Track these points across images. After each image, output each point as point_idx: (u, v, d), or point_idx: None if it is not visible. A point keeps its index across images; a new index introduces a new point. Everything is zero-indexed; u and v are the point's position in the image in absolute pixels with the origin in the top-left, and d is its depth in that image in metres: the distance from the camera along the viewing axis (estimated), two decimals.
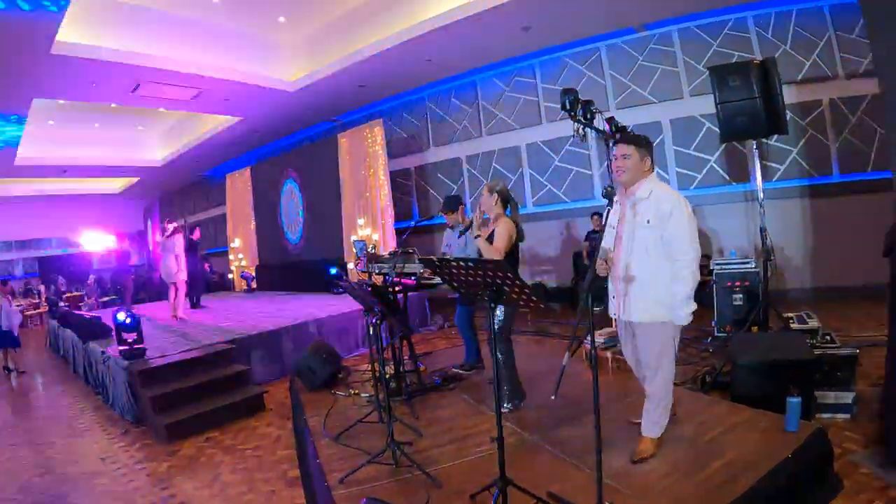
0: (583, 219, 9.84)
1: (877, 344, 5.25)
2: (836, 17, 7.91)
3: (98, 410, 6.37)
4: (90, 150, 14.88)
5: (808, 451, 2.92)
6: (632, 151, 2.97)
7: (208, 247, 16.75)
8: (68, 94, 10.18)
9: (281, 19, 9.70)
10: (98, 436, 5.43)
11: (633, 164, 2.97)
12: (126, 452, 4.82)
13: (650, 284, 2.89)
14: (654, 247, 2.87)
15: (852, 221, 7.71)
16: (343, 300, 9.34)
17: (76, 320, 8.89)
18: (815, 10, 8.02)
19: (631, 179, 3.00)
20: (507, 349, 3.89)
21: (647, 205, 2.90)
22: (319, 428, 3.96)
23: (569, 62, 10.10)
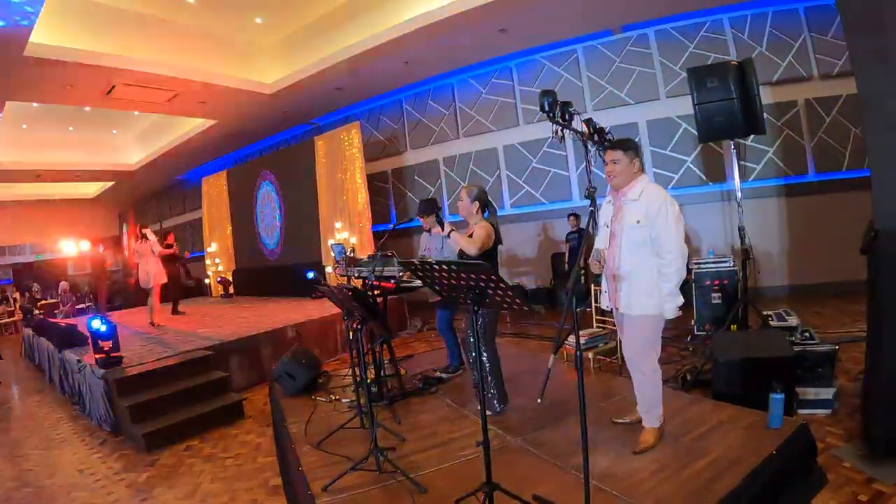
0: (560, 220, 9.90)
1: (855, 340, 5.36)
2: (811, 19, 8.07)
3: (75, 420, 6.23)
4: (64, 153, 14.60)
5: (793, 447, 2.95)
6: (619, 156, 3.12)
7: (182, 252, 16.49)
8: (42, 96, 9.97)
9: (258, 20, 9.61)
10: (75, 447, 5.31)
11: (622, 167, 3.11)
12: (104, 463, 4.72)
13: (640, 279, 3.03)
14: (643, 244, 3.01)
15: (828, 220, 7.87)
16: (321, 304, 9.27)
17: (51, 328, 8.69)
18: (791, 12, 8.17)
19: (622, 182, 3.14)
20: (492, 352, 3.86)
21: (638, 205, 3.04)
22: (301, 435, 3.89)
23: (546, 64, 10.14)
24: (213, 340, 6.89)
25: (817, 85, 8.13)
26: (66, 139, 14.34)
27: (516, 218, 10.44)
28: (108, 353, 5.78)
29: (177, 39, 9.24)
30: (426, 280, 2.43)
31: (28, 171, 14.83)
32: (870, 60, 3.20)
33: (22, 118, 12.35)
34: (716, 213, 8.75)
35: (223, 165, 15.92)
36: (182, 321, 9.50)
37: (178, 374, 5.81)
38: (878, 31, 3.13)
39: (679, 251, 2.96)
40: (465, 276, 2.21)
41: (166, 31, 9.09)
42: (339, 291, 3.45)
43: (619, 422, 3.43)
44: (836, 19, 7.83)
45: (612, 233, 3.16)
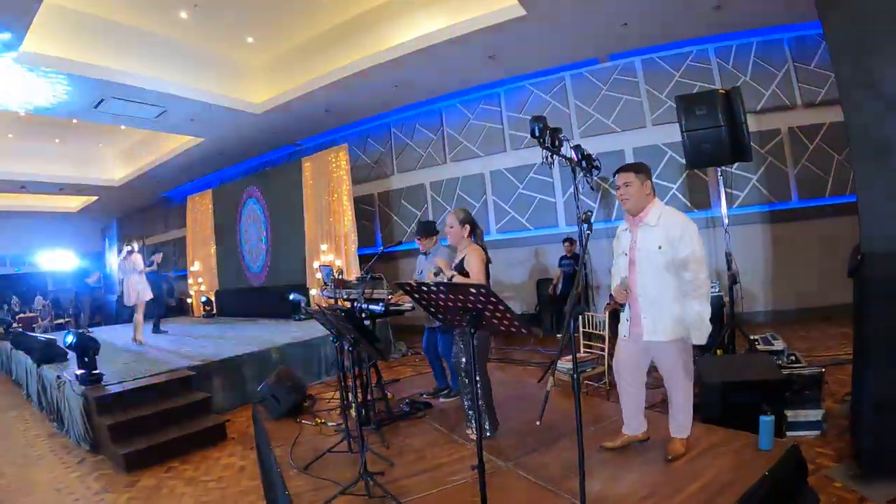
0: (547, 246, 9.97)
1: (840, 363, 5.45)
2: (794, 49, 8.31)
3: (52, 438, 6.08)
4: (49, 166, 14.40)
5: (784, 468, 2.96)
6: (632, 178, 3.15)
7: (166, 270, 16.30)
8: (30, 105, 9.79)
9: (249, 40, 9.63)
10: (53, 465, 5.17)
11: (634, 190, 3.14)
12: (82, 483, 4.60)
13: (667, 305, 3.04)
14: (666, 270, 3.04)
15: (811, 246, 8.02)
16: (305, 327, 9.19)
17: (30, 342, 8.50)
18: (775, 42, 8.40)
19: (635, 206, 3.17)
20: (484, 375, 3.83)
21: (657, 231, 3.07)
22: (286, 458, 3.80)
23: (534, 91, 10.27)
24: (196, 360, 6.79)
25: (801, 113, 8.34)
26: (53, 151, 14.17)
27: (502, 243, 10.45)
28: (88, 370, 5.68)
29: (168, 55, 9.22)
30: (422, 302, 2.40)
31: (13, 182, 14.58)
32: (856, 88, 3.27)
33: (8, 128, 12.20)
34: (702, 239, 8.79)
35: (208, 184, 15.81)
36: (165, 340, 9.38)
37: (160, 394, 5.72)
38: (864, 60, 3.23)
39: (704, 272, 3.00)
40: (462, 298, 2.18)
41: (157, 46, 9.07)
42: (331, 313, 3.41)
43: (610, 446, 3.38)
44: (819, 49, 8.09)
45: (632, 260, 3.18)
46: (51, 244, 20.02)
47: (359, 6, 8.82)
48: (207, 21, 8.80)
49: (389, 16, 8.67)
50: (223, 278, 14.37)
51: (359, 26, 9.02)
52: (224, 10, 8.56)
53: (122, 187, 15.87)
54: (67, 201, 18.46)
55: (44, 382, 7.04)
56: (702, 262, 2.98)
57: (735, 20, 7.95)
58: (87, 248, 21.01)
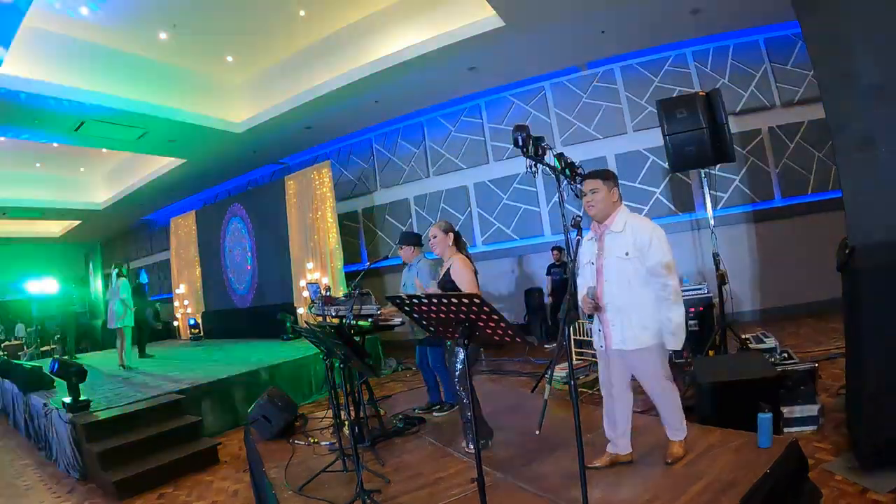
0: (533, 255, 10.00)
1: (831, 357, 5.50)
2: (771, 50, 8.46)
3: (41, 467, 5.95)
4: (30, 190, 14.18)
5: (785, 465, 2.94)
6: (599, 185, 3.08)
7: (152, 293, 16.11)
8: (10, 130, 9.77)
9: (229, 59, 9.60)
10: (42, 495, 5.07)
11: (601, 197, 3.07)
12: None
13: (636, 313, 2.98)
14: (634, 277, 2.98)
15: (796, 243, 8.11)
16: (294, 346, 9.11)
17: (16, 370, 8.34)
18: (752, 43, 8.54)
19: (601, 213, 3.10)
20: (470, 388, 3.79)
21: (624, 237, 3.01)
22: (281, 480, 3.72)
23: (514, 101, 10.33)
24: (185, 384, 6.70)
25: (780, 113, 8.48)
26: (34, 176, 13.99)
27: (488, 254, 10.45)
28: (76, 397, 5.58)
29: (147, 76, 9.16)
30: (414, 315, 2.36)
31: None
32: (836, 84, 3.33)
33: None
34: (686, 242, 8.90)
35: (192, 206, 15.70)
36: (152, 364, 9.26)
37: (150, 419, 5.63)
38: (842, 55, 3.29)
39: (675, 277, 2.97)
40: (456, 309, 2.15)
41: (137, 67, 9.02)
42: (321, 331, 3.35)
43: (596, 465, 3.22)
44: (795, 49, 8.23)
45: (599, 269, 3.11)
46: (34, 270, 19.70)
47: (337, 23, 8.85)
48: (186, 41, 8.79)
49: (368, 31, 8.70)
50: (209, 300, 14.25)
51: (338, 42, 9.04)
52: (203, 30, 8.55)
53: (105, 211, 15.70)
54: (49, 226, 18.25)
55: (31, 410, 6.92)
56: (671, 267, 2.96)
57: (711, 24, 8.06)
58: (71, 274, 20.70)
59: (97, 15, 7.80)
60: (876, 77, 3.18)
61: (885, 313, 3.12)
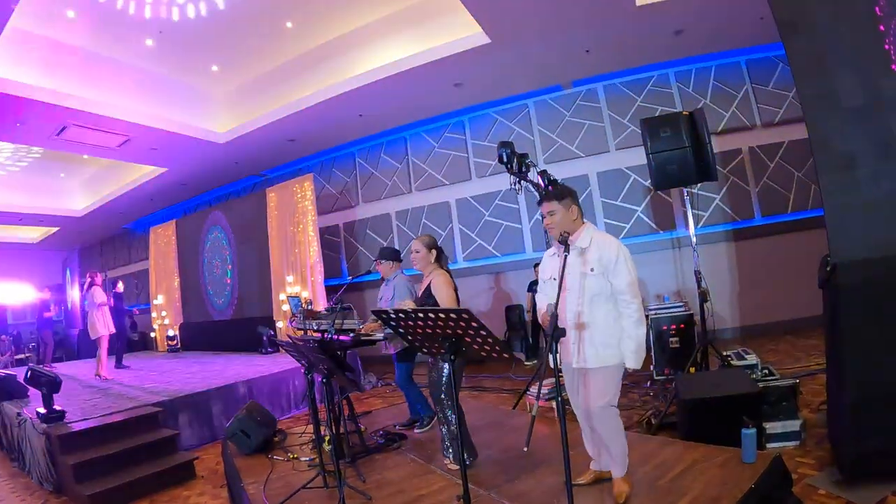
0: (513, 272, 9.98)
1: (811, 373, 5.57)
2: (752, 71, 8.63)
3: (13, 478, 5.82)
4: (8, 195, 13.84)
5: (770, 480, 2.97)
6: (555, 206, 3.03)
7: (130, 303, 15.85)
8: None
9: (214, 68, 9.53)
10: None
11: (559, 218, 3.02)
12: None
13: (598, 330, 2.92)
14: (598, 293, 2.93)
15: (775, 261, 8.22)
16: (273, 360, 9.01)
17: None
18: (733, 65, 8.71)
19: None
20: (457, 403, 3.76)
21: (590, 254, 2.96)
22: (259, 496, 3.65)
23: (498, 118, 10.37)
24: (162, 396, 6.58)
25: (760, 133, 8.62)
26: (12, 180, 13.70)
27: (469, 271, 10.40)
28: (51, 407, 5.46)
29: (131, 82, 9.06)
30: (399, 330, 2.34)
31: None
32: (818, 104, 3.39)
33: None
34: (667, 260, 8.97)
35: (172, 215, 15.49)
36: (129, 375, 9.11)
37: (126, 431, 5.51)
38: (824, 76, 3.37)
39: (638, 296, 2.95)
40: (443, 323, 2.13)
41: (122, 73, 8.90)
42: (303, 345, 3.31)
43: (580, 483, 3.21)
44: (776, 70, 8.41)
45: (563, 285, 2.93)
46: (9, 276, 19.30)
47: (325, 35, 8.83)
48: (172, 49, 8.69)
49: (355, 45, 8.70)
50: (188, 311, 14.01)
51: (324, 55, 9.02)
52: (189, 39, 8.46)
53: (84, 218, 15.39)
54: (27, 232, 17.86)
55: (4, 420, 6.75)
56: (635, 285, 2.93)
57: (694, 45, 8.20)
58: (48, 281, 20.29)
59: (83, 18, 7.70)
60: (858, 98, 3.27)
61: (865, 328, 3.18)
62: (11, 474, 5.98)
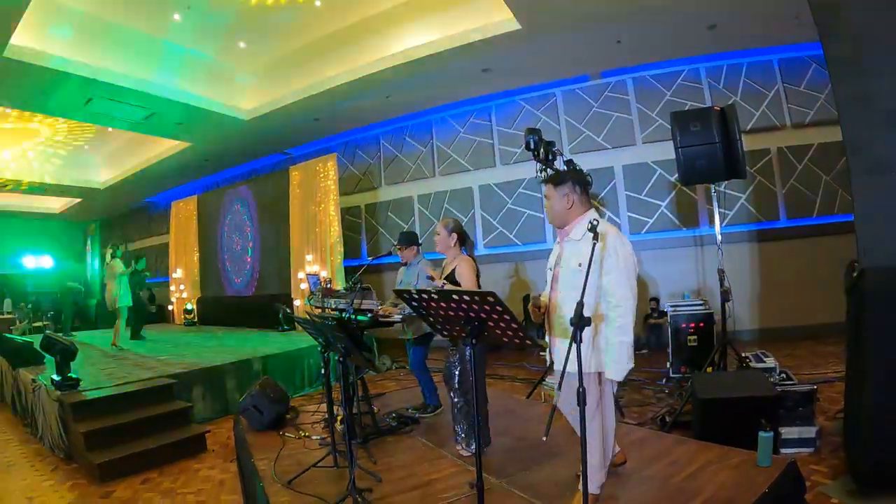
0: (533, 262, 9.92)
1: (829, 381, 5.48)
2: (784, 71, 8.44)
3: (25, 444, 5.92)
4: (34, 165, 14.09)
5: (783, 485, 2.91)
6: (549, 191, 2.88)
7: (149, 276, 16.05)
8: (17, 102, 9.68)
9: (241, 45, 9.52)
10: (25, 472, 5.02)
11: (553, 204, 2.87)
12: (56, 492, 4.45)
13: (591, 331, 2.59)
14: (593, 290, 2.60)
15: (798, 265, 8.08)
16: (288, 337, 9.04)
17: (6, 344, 8.27)
18: (765, 63, 8.52)
19: (557, 221, 2.92)
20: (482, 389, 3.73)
21: (580, 246, 2.69)
22: (270, 472, 3.66)
23: (525, 106, 10.28)
24: (177, 368, 6.66)
25: (790, 134, 8.46)
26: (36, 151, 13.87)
27: (489, 258, 10.37)
28: (66, 374, 5.52)
29: (159, 57, 9.09)
30: (421, 311, 2.31)
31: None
32: (853, 106, 3.31)
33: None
34: (688, 257, 8.87)
35: (193, 191, 15.64)
36: (144, 346, 9.24)
37: (139, 402, 5.57)
38: (861, 77, 3.28)
39: (631, 299, 2.63)
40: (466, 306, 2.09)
41: (149, 47, 8.94)
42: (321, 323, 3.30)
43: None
44: (808, 71, 8.23)
45: (555, 277, 2.84)
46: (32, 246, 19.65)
47: (353, 16, 8.77)
48: (200, 24, 8.69)
49: (384, 26, 8.63)
50: (206, 286, 14.19)
51: (352, 36, 8.97)
52: (217, 14, 8.46)
53: (107, 190, 15.63)
54: (50, 202, 18.15)
55: (19, 386, 6.87)
56: (625, 286, 2.62)
57: (727, 41, 8.04)
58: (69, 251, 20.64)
59: None
60: (894, 101, 3.18)
61: (890, 336, 3.12)
62: (23, 440, 6.09)
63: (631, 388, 6.24)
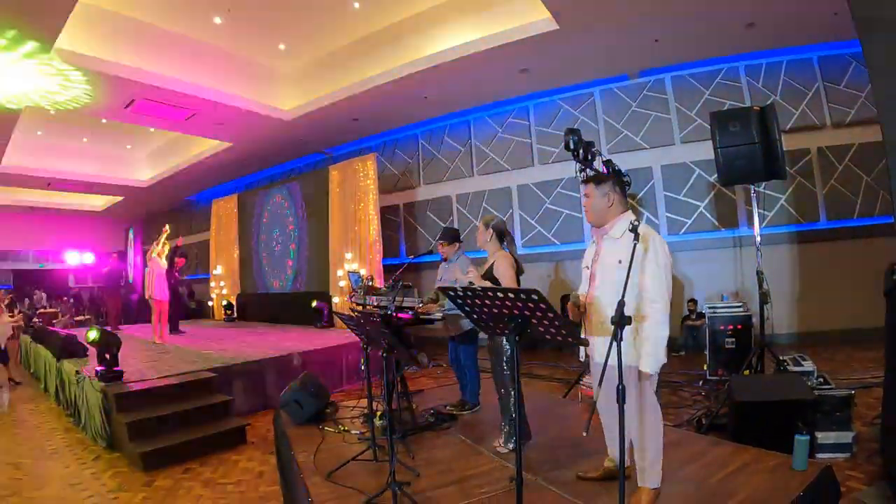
0: (571, 262, 9.88)
1: (867, 386, 5.39)
2: (824, 69, 8.26)
3: (68, 433, 6.10)
4: (77, 164, 14.60)
5: (818, 490, 2.91)
6: (590, 191, 2.94)
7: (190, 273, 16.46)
8: None
9: (281, 46, 9.74)
10: (67, 459, 5.17)
11: (594, 203, 2.93)
12: (97, 480, 4.58)
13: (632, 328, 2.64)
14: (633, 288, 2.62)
15: (838, 267, 7.93)
16: (326, 334, 9.18)
17: (51, 337, 8.62)
18: (805, 61, 8.35)
19: (597, 219, 2.97)
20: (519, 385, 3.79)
21: (619, 244, 2.80)
22: (309, 465, 3.78)
23: (563, 105, 10.25)
24: (217, 363, 6.81)
25: (830, 133, 8.27)
26: (80, 150, 14.40)
27: (528, 258, 10.29)
28: (109, 367, 5.70)
29: (200, 59, 9.36)
30: (466, 308, 2.37)
31: (39, 179, 14.82)
32: (893, 105, 3.23)
33: (38, 124, 12.39)
34: (727, 258, 8.75)
35: (234, 189, 16.02)
36: (186, 341, 9.48)
37: (180, 394, 5.73)
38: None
39: (667, 296, 2.70)
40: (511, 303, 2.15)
41: (190, 49, 9.21)
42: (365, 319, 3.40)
43: (586, 476, 3.18)
44: (849, 69, 8.03)
45: (592, 274, 2.92)
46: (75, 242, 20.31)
47: (392, 16, 8.89)
48: (240, 26, 8.94)
49: (421, 26, 8.73)
50: (245, 283, 14.51)
51: (390, 37, 9.09)
52: (257, 17, 8.68)
53: (149, 188, 16.09)
54: (93, 200, 18.76)
55: (62, 377, 7.10)
56: (662, 284, 2.69)
57: (766, 39, 7.91)
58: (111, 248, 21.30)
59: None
60: None
61: None
62: (66, 428, 6.28)
63: (668, 390, 6.20)
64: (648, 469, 2.78)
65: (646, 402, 2.78)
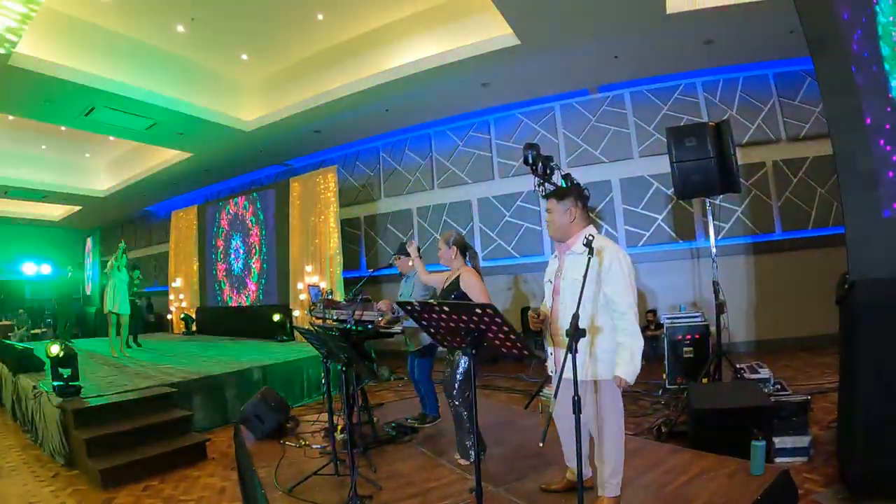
0: (531, 274, 9.99)
1: (823, 391, 5.52)
2: (780, 85, 8.56)
3: (26, 450, 5.92)
4: (34, 172, 14.12)
5: (776, 493, 2.97)
6: (552, 206, 2.97)
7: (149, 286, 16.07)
8: (19, 109, 9.76)
9: (244, 57, 9.65)
10: (25, 477, 5.03)
11: (556, 218, 2.95)
12: (56, 498, 4.46)
13: (588, 341, 2.71)
14: (590, 301, 2.72)
15: (794, 276, 8.17)
16: (288, 347, 9.06)
17: (7, 350, 8.30)
18: (761, 77, 8.65)
19: (558, 234, 2.99)
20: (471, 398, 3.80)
21: (583, 258, 2.70)
22: (271, 480, 3.71)
23: (523, 119, 10.38)
24: (177, 377, 6.66)
25: (785, 147, 8.57)
26: (38, 158, 13.95)
27: (488, 271, 10.26)
28: (67, 381, 5.53)
29: (161, 67, 9.20)
30: (422, 322, 2.38)
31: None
32: (844, 121, 3.41)
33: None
34: (685, 269, 8.95)
35: (194, 200, 15.72)
36: (144, 355, 9.25)
37: (140, 410, 5.59)
38: (851, 93, 3.37)
39: (634, 306, 2.74)
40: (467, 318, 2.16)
41: (152, 57, 9.06)
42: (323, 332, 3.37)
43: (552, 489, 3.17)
44: (803, 85, 8.35)
45: (556, 289, 2.92)
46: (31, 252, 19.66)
47: (355, 29, 8.91)
48: (203, 36, 8.83)
49: (384, 40, 8.76)
50: (204, 296, 14.23)
51: (353, 49, 9.10)
52: (220, 27, 8.60)
53: (107, 198, 15.66)
54: (50, 209, 18.18)
55: (19, 392, 6.88)
56: (629, 295, 2.72)
57: (723, 55, 8.15)
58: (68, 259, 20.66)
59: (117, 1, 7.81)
60: (882, 118, 3.27)
61: (880, 347, 3.20)
62: (24, 445, 6.09)
63: (628, 399, 6.26)
64: (608, 479, 2.80)
65: (606, 412, 2.78)
